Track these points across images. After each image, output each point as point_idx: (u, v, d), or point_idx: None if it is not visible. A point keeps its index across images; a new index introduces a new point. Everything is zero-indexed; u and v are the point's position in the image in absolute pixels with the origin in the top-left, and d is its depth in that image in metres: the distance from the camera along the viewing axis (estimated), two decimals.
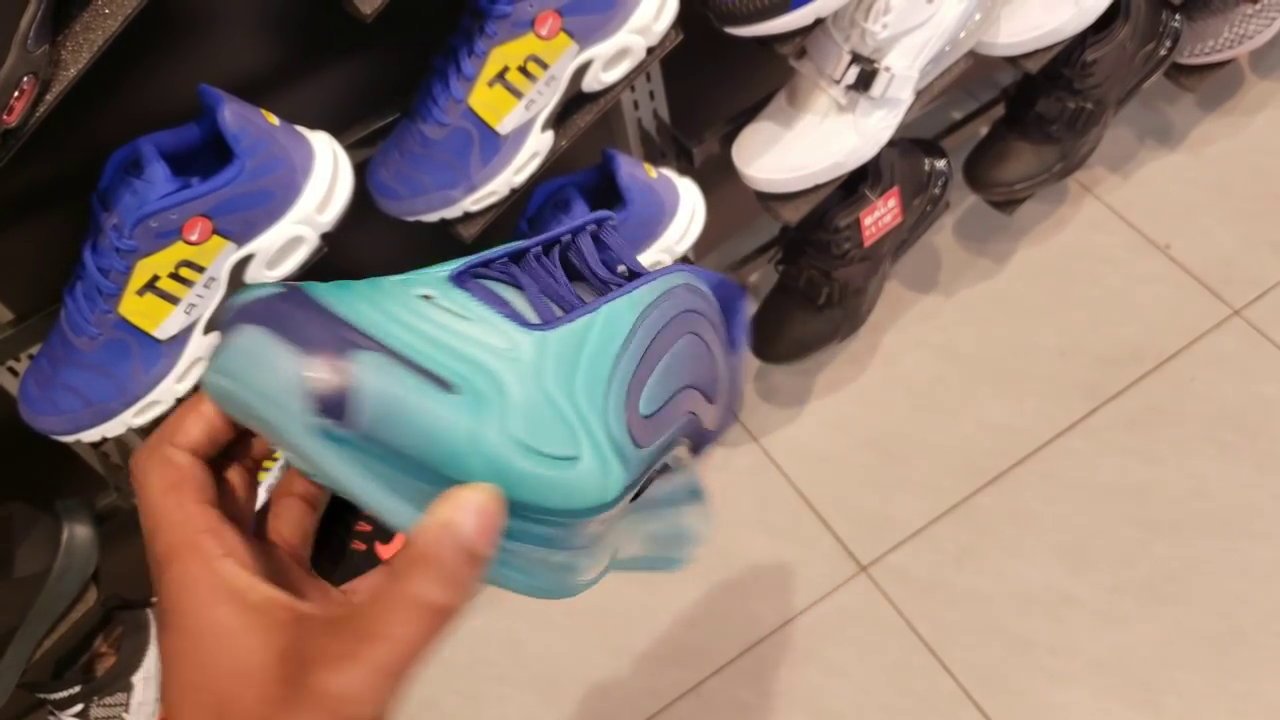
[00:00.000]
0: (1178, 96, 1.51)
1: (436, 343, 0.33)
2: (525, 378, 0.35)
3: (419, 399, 0.31)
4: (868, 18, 0.93)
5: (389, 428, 0.31)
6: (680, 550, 0.46)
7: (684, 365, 0.40)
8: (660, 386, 0.39)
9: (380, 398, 0.31)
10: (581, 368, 0.36)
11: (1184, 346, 1.31)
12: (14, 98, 0.61)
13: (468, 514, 0.31)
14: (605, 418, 0.36)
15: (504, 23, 0.79)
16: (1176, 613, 1.14)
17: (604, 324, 0.37)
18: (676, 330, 0.40)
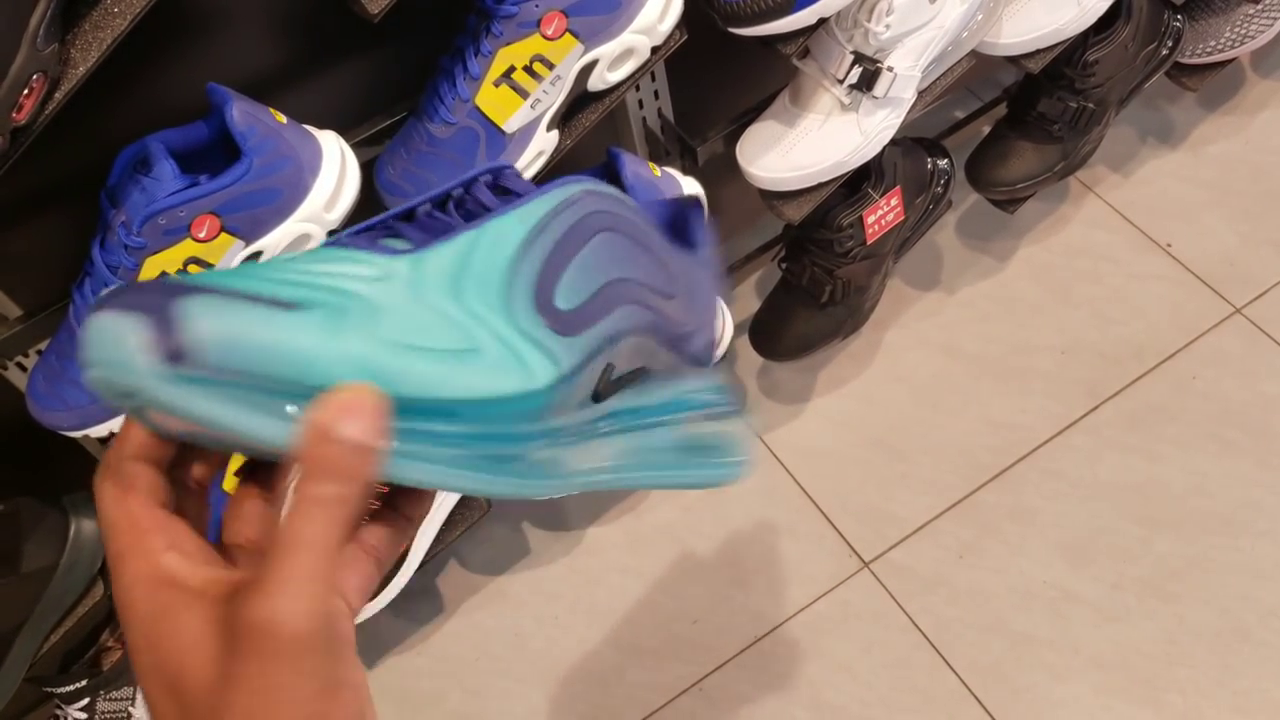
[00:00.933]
0: (1179, 96, 1.51)
1: (285, 281, 0.34)
2: (398, 292, 0.36)
3: (260, 323, 0.32)
4: (870, 18, 0.94)
5: (237, 355, 0.32)
6: (726, 458, 0.47)
7: (603, 261, 0.41)
8: (578, 281, 0.40)
9: (218, 330, 0.31)
10: (470, 276, 0.38)
11: (1185, 344, 1.32)
12: (24, 96, 0.62)
13: (333, 409, 0.31)
14: (509, 314, 0.38)
15: (510, 23, 0.80)
16: (1178, 610, 1.15)
17: (491, 236, 0.39)
18: (585, 231, 0.41)
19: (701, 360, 0.48)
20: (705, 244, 0.49)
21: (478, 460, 0.36)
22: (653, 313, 0.43)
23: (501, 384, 0.37)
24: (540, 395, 0.38)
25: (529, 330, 0.38)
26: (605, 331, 0.41)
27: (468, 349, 0.36)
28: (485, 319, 0.37)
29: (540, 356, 0.38)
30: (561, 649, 1.22)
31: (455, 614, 1.25)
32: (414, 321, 0.35)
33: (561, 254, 0.40)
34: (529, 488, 0.39)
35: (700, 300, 0.47)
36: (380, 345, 0.34)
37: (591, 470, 0.42)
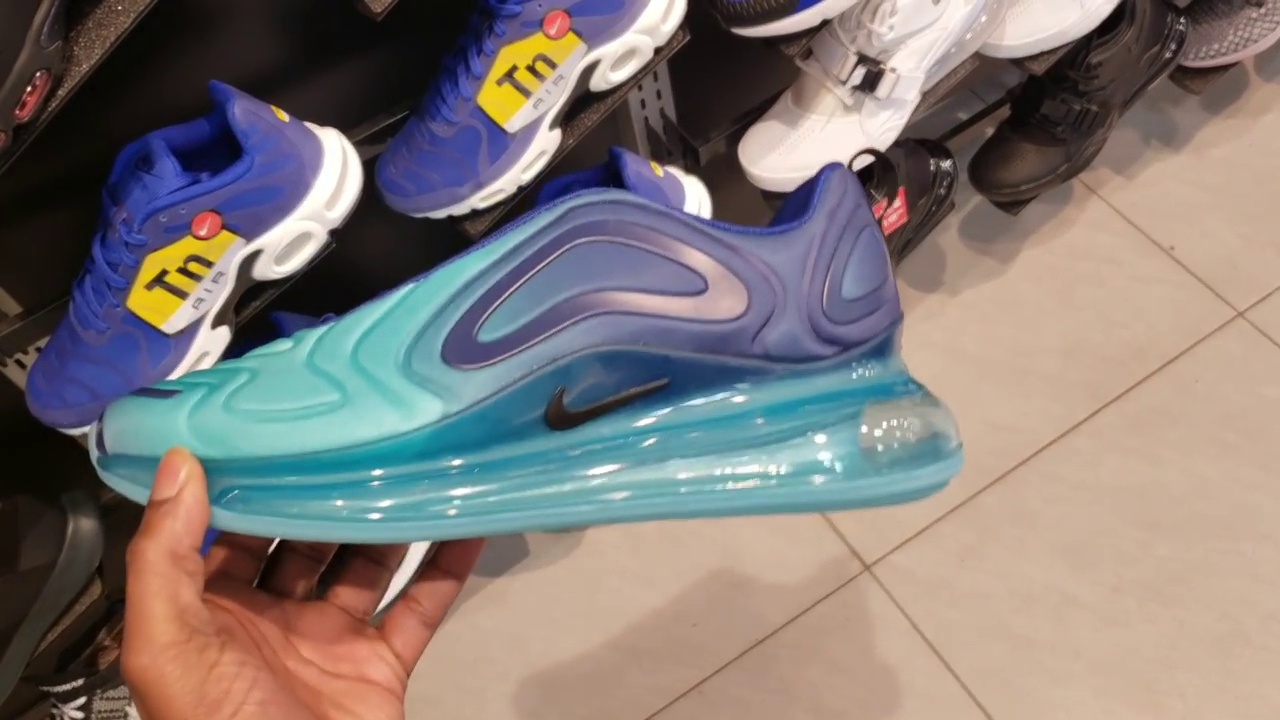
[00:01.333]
0: (1183, 99, 1.51)
1: (200, 372, 0.40)
2: (291, 360, 0.40)
3: (140, 410, 0.39)
4: (874, 19, 0.94)
5: (124, 440, 0.38)
6: (919, 463, 0.42)
7: (567, 275, 0.39)
8: (522, 305, 0.39)
9: (114, 422, 0.39)
10: (381, 331, 0.39)
11: (1188, 348, 1.31)
12: (27, 93, 0.62)
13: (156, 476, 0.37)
14: (403, 361, 0.39)
15: (513, 22, 0.79)
16: (1179, 614, 1.14)
17: (434, 282, 0.40)
18: (551, 249, 0.40)
19: (794, 353, 0.42)
20: (818, 211, 0.42)
21: (365, 508, 0.38)
22: (647, 319, 0.40)
23: (360, 432, 0.38)
24: (419, 435, 0.38)
25: (422, 372, 0.38)
26: (540, 354, 0.39)
27: (331, 404, 0.38)
28: (371, 372, 0.39)
29: (428, 397, 0.38)
30: (561, 651, 1.22)
31: (454, 615, 1.25)
32: (282, 387, 0.39)
33: (510, 281, 0.39)
34: (487, 524, 0.39)
35: (766, 284, 0.41)
36: (229, 415, 0.38)
37: (645, 492, 0.40)
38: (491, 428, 0.39)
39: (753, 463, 0.41)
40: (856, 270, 0.42)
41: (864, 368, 0.43)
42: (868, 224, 0.43)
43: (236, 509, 0.38)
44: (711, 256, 0.40)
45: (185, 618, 0.35)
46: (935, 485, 0.42)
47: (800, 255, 0.41)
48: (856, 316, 0.42)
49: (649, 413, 0.41)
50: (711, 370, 0.41)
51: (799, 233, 0.42)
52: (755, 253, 0.41)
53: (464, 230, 0.90)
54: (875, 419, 0.42)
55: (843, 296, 0.42)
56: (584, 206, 0.40)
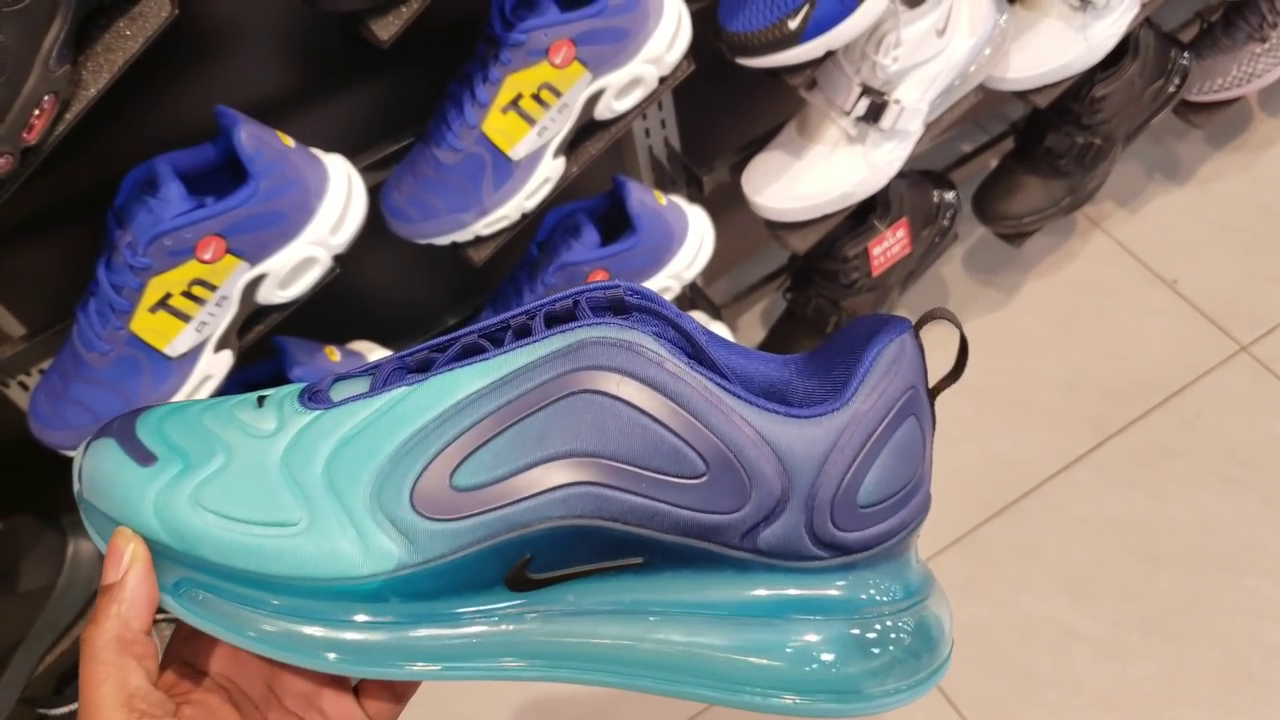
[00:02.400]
0: (1186, 133, 1.52)
1: (187, 429, 0.39)
2: (268, 452, 0.38)
3: (114, 469, 0.38)
4: (878, 51, 0.94)
5: (95, 492, 0.39)
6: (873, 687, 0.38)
7: (558, 430, 0.37)
8: (505, 453, 0.37)
9: (91, 471, 0.39)
10: (361, 442, 0.38)
11: (1190, 381, 1.31)
12: (35, 116, 0.62)
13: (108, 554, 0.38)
14: (374, 490, 0.37)
15: (518, 50, 0.80)
16: (1181, 648, 1.14)
17: (424, 394, 0.38)
18: (552, 391, 0.37)
19: (786, 552, 0.38)
20: (858, 396, 0.37)
21: (310, 640, 0.38)
22: (634, 498, 0.37)
23: (315, 568, 0.37)
24: (371, 583, 0.37)
25: (388, 511, 0.37)
26: (511, 518, 0.37)
27: (293, 526, 0.37)
28: (340, 494, 0.37)
29: (386, 541, 0.37)
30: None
31: None
32: (250, 490, 0.38)
33: (499, 419, 0.37)
34: (425, 674, 0.38)
35: (774, 480, 0.37)
36: (194, 511, 0.37)
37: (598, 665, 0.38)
38: (447, 583, 0.38)
39: (723, 649, 0.38)
40: (882, 473, 0.38)
41: (870, 580, 0.39)
42: (915, 411, 0.38)
43: (188, 604, 0.38)
44: (720, 439, 0.36)
45: (134, 703, 0.36)
46: (918, 695, 0.39)
47: (822, 451, 0.37)
48: (867, 524, 0.38)
49: (617, 587, 0.38)
50: (693, 554, 0.38)
51: (828, 420, 0.37)
52: (772, 438, 0.36)
53: (467, 257, 0.90)
54: (865, 625, 0.39)
55: (857, 502, 0.37)
56: (598, 344, 0.36)
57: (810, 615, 0.38)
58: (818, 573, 0.38)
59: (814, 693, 0.38)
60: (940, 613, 0.40)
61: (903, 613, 0.39)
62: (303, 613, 0.38)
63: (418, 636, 0.38)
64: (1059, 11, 1.06)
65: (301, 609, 0.38)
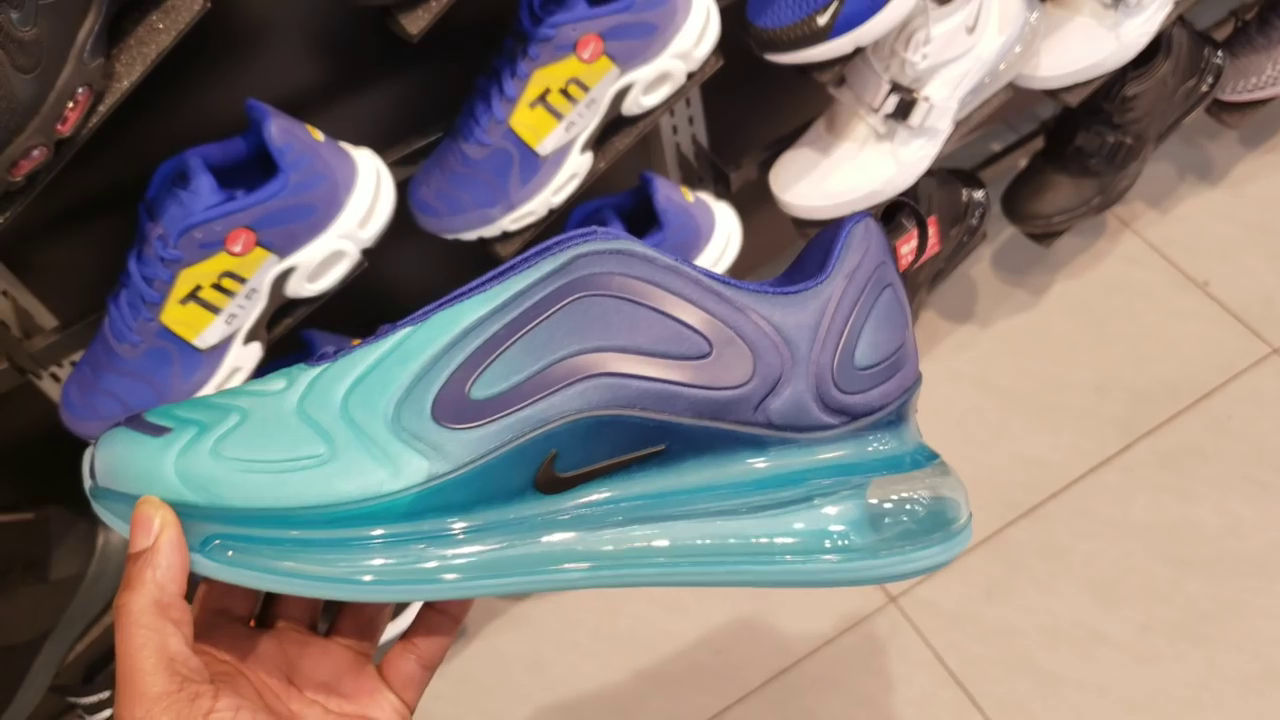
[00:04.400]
0: (1219, 133, 1.50)
1: (195, 405, 0.40)
2: (282, 405, 0.39)
3: (128, 447, 0.39)
4: (908, 47, 0.94)
5: (111, 475, 0.39)
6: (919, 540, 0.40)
7: (564, 332, 0.38)
8: (516, 361, 0.38)
9: (104, 455, 0.39)
10: (372, 380, 0.38)
11: (1221, 384, 1.30)
12: (69, 108, 0.63)
13: (132, 523, 0.38)
14: (393, 415, 0.38)
15: (547, 45, 0.80)
16: (1209, 653, 1.12)
17: (428, 330, 0.39)
18: (551, 302, 0.38)
19: (799, 422, 0.40)
20: (837, 270, 0.40)
21: (350, 568, 0.37)
22: (646, 383, 0.38)
23: (345, 489, 0.37)
24: (405, 497, 0.37)
25: (411, 429, 0.38)
26: (532, 417, 0.38)
27: (318, 458, 0.38)
28: (360, 424, 0.38)
29: (415, 456, 0.38)
30: (582, 676, 1.21)
31: (476, 638, 1.25)
32: (270, 434, 0.38)
33: (507, 333, 0.38)
34: (475, 588, 0.38)
35: (774, 350, 0.39)
36: (216, 461, 0.38)
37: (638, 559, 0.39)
38: (479, 490, 0.38)
39: (751, 533, 0.40)
40: (872, 336, 0.41)
41: (875, 439, 0.42)
42: (890, 282, 0.41)
43: (219, 558, 0.38)
44: (718, 318, 0.39)
45: (175, 667, 0.36)
46: (939, 564, 0.41)
47: (813, 320, 0.39)
48: (868, 386, 0.41)
49: (643, 478, 0.40)
50: (710, 436, 0.40)
51: (813, 294, 0.40)
52: (765, 315, 0.39)
53: (494, 252, 0.90)
54: (883, 491, 0.40)
55: (855, 365, 0.40)
56: (590, 255, 0.38)
57: (825, 479, 0.40)
58: (827, 441, 0.41)
59: (843, 552, 0.40)
60: (952, 487, 0.42)
61: (913, 482, 0.41)
62: (337, 543, 0.38)
63: (457, 552, 0.38)
64: (1091, 9, 1.05)
65: (335, 540, 0.38)
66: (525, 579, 0.39)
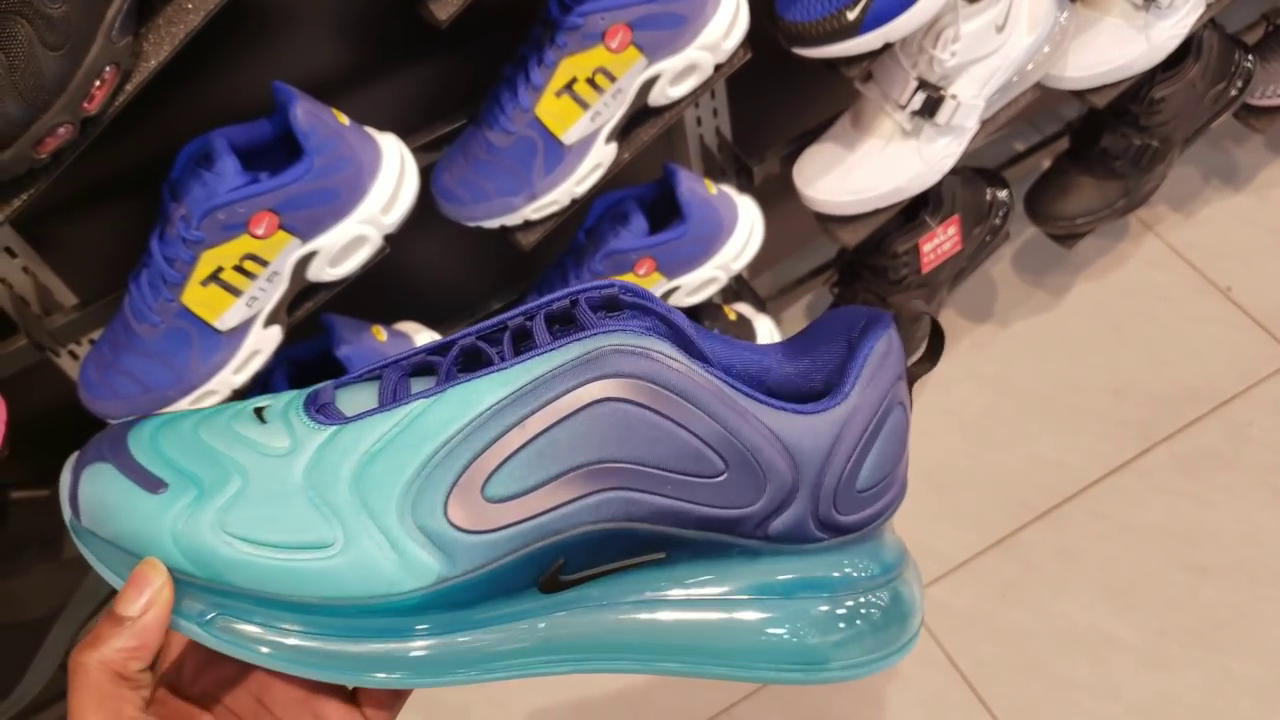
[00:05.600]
0: (1246, 138, 1.49)
1: (188, 448, 0.38)
2: (289, 472, 0.38)
3: (121, 496, 0.37)
4: (936, 45, 0.93)
5: (98, 521, 0.37)
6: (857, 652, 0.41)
7: (585, 440, 0.37)
8: (534, 464, 0.37)
9: (93, 498, 0.38)
10: (385, 459, 0.37)
11: (1242, 390, 1.29)
12: (96, 86, 0.62)
13: (127, 583, 0.37)
14: (408, 507, 0.37)
15: (575, 34, 0.80)
16: (1224, 660, 1.12)
17: (443, 408, 0.38)
18: (575, 402, 0.37)
19: (793, 537, 0.40)
20: (856, 389, 0.39)
21: (346, 656, 0.38)
22: (660, 499, 0.38)
23: (355, 588, 0.37)
24: (413, 598, 0.37)
25: (424, 526, 0.37)
26: (545, 526, 0.38)
27: (328, 548, 0.37)
28: (373, 511, 0.37)
29: (425, 555, 0.37)
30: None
31: None
32: (276, 513, 0.37)
33: (525, 428, 0.37)
34: (463, 676, 0.39)
35: (786, 474, 0.39)
36: (219, 538, 0.37)
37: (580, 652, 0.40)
38: (484, 591, 0.38)
39: (721, 637, 0.40)
40: (876, 458, 0.40)
41: (853, 557, 0.41)
42: (900, 400, 0.41)
43: (216, 635, 0.37)
44: (736, 437, 0.38)
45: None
46: (879, 669, 0.42)
47: (826, 445, 0.39)
48: (863, 508, 0.41)
49: (640, 581, 0.40)
50: (710, 545, 0.40)
51: (830, 416, 0.39)
52: (781, 434, 0.38)
53: (515, 241, 0.90)
54: (847, 598, 0.41)
55: (856, 487, 0.40)
56: (616, 353, 0.37)
57: (809, 593, 0.41)
58: (814, 553, 0.41)
59: (786, 663, 0.41)
60: (912, 585, 0.43)
61: (879, 589, 0.41)
62: (340, 631, 0.38)
63: (455, 644, 0.38)
64: (1121, 10, 1.05)
65: (339, 627, 0.38)
66: (519, 664, 0.39)
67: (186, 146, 0.74)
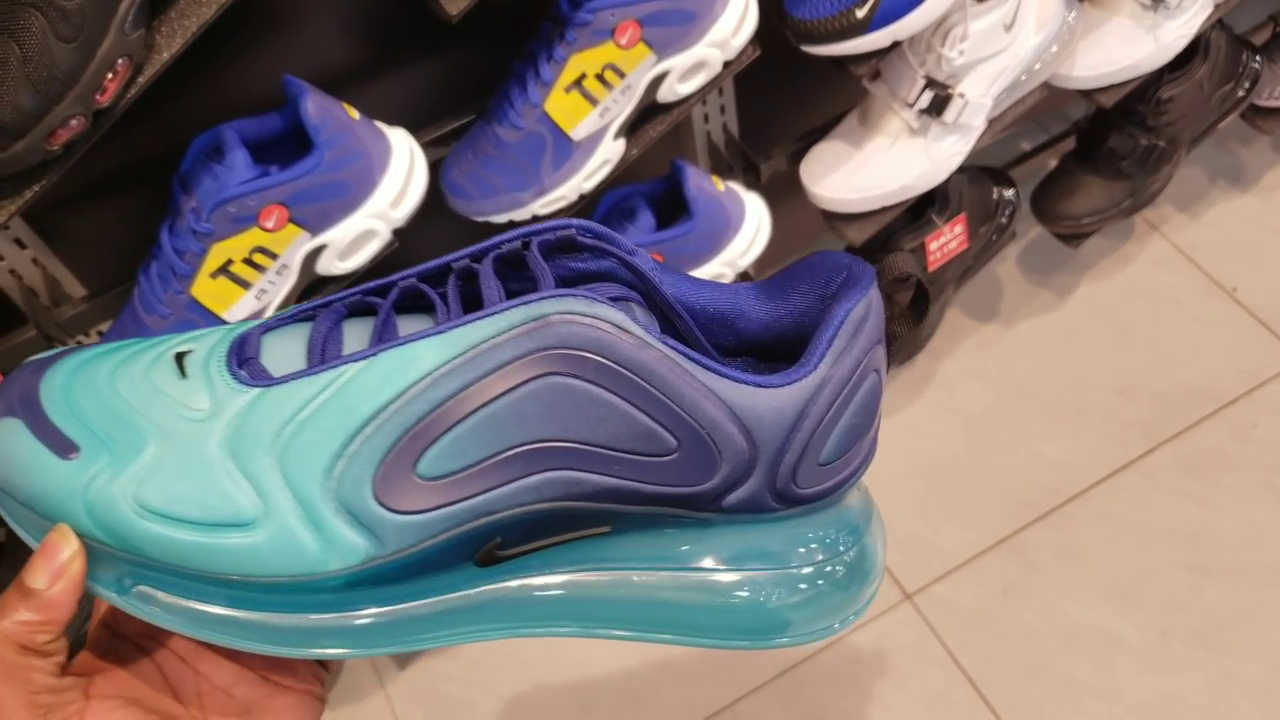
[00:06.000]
0: (1253, 139, 1.49)
1: (102, 406, 0.36)
2: (208, 438, 0.35)
3: (31, 460, 0.35)
4: (945, 43, 0.93)
5: (17, 483, 0.36)
6: (809, 620, 0.40)
7: (525, 416, 0.35)
8: (471, 440, 0.35)
9: (5, 458, 0.36)
10: (312, 427, 0.35)
11: (1246, 391, 1.29)
12: (108, 79, 0.63)
13: (37, 551, 0.35)
14: (335, 482, 0.35)
15: (584, 30, 0.80)
16: (1226, 661, 1.12)
17: (377, 371, 0.35)
18: (518, 373, 0.34)
19: (748, 509, 0.38)
20: (826, 360, 0.36)
21: (272, 627, 0.36)
22: (606, 479, 0.36)
23: (277, 566, 0.35)
24: (339, 577, 0.36)
25: (350, 505, 0.35)
26: (480, 507, 0.35)
27: (248, 523, 0.35)
28: (296, 483, 0.35)
29: (352, 535, 0.35)
30: (595, 661, 1.21)
31: None
32: (193, 482, 0.35)
33: (461, 401, 0.34)
34: (393, 646, 0.38)
35: (743, 452, 0.36)
36: (134, 511, 0.35)
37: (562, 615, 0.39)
38: (415, 569, 0.36)
39: (672, 598, 0.39)
40: (843, 432, 0.37)
41: (814, 525, 0.39)
42: (876, 368, 0.38)
43: (134, 603, 0.36)
44: (690, 415, 0.35)
45: (39, 700, 0.35)
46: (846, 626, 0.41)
47: (789, 421, 0.36)
48: (825, 479, 0.38)
49: (582, 552, 0.38)
50: (659, 519, 0.38)
51: (795, 390, 0.36)
52: (740, 410, 0.35)
53: None
54: (807, 560, 0.39)
55: (818, 461, 0.37)
56: (565, 321, 0.34)
57: (761, 563, 0.39)
58: (770, 522, 0.38)
59: (764, 632, 0.39)
60: (876, 546, 0.41)
61: (841, 554, 0.39)
62: (262, 604, 0.36)
63: (382, 614, 0.37)
64: (1129, 10, 1.05)
65: (260, 601, 0.36)
66: (445, 637, 0.38)
67: (197, 139, 0.75)
